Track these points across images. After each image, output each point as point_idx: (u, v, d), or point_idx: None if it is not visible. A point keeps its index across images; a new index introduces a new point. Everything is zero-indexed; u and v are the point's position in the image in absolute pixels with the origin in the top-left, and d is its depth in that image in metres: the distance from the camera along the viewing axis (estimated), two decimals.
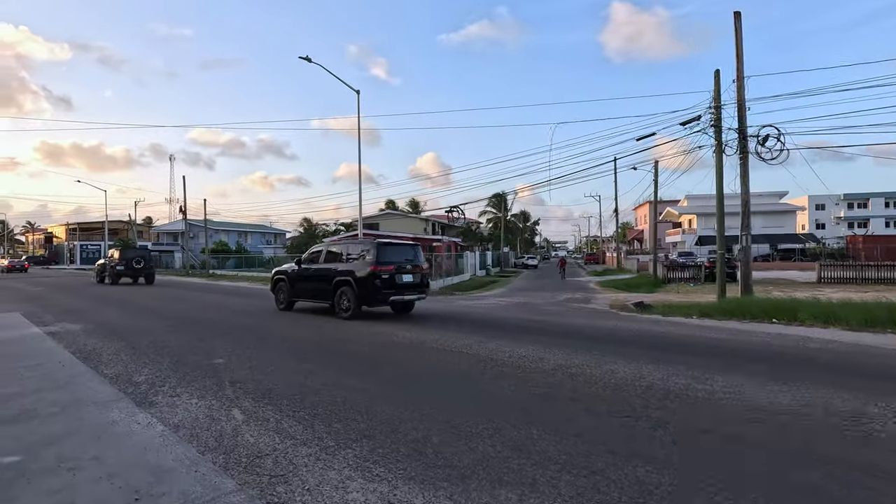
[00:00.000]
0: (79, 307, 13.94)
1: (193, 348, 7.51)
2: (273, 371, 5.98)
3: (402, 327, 9.62)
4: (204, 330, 9.49)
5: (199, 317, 11.70)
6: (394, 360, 6.70)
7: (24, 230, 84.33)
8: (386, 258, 11.26)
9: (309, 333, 9.03)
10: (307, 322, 10.59)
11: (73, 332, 9.40)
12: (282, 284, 13.33)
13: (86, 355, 7.10)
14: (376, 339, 8.24)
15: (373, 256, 11.13)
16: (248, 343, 7.96)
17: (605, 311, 13.47)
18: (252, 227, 67.14)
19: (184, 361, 6.56)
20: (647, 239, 69.43)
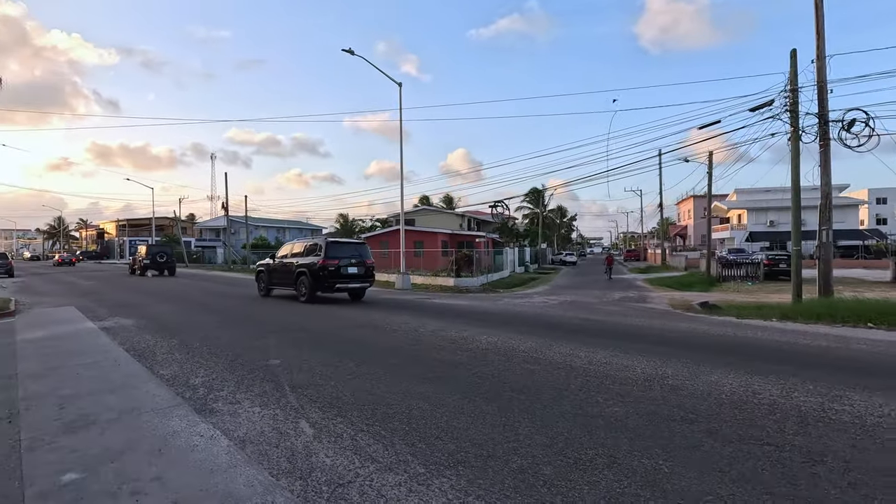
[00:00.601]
0: (131, 302, 14.07)
1: (247, 347, 7.18)
2: (334, 375, 5.53)
3: (454, 328, 9.08)
4: (254, 327, 9.22)
5: (247, 313, 11.51)
6: (462, 366, 6.15)
7: (78, 226, 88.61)
8: (333, 254, 13.69)
9: (367, 335, 8.60)
10: (360, 321, 10.21)
11: (126, 327, 9.30)
12: (262, 275, 15.98)
13: (140, 353, 6.88)
14: (440, 344, 7.72)
15: (322, 253, 13.59)
16: (301, 342, 7.59)
17: (668, 312, 12.55)
18: (289, 223, 68.26)
19: (239, 362, 6.22)
20: (690, 235, 66.67)
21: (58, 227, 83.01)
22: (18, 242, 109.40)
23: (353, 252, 14.41)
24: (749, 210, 48.99)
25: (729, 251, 39.80)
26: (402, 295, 17.08)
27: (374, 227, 57.08)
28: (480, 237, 39.92)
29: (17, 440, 3.73)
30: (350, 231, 59.15)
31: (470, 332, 8.48)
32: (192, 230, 72.15)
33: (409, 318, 10.41)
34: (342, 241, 15.47)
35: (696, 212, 64.06)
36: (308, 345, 7.38)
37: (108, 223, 79.16)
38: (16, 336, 8.56)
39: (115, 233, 73.74)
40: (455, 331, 8.60)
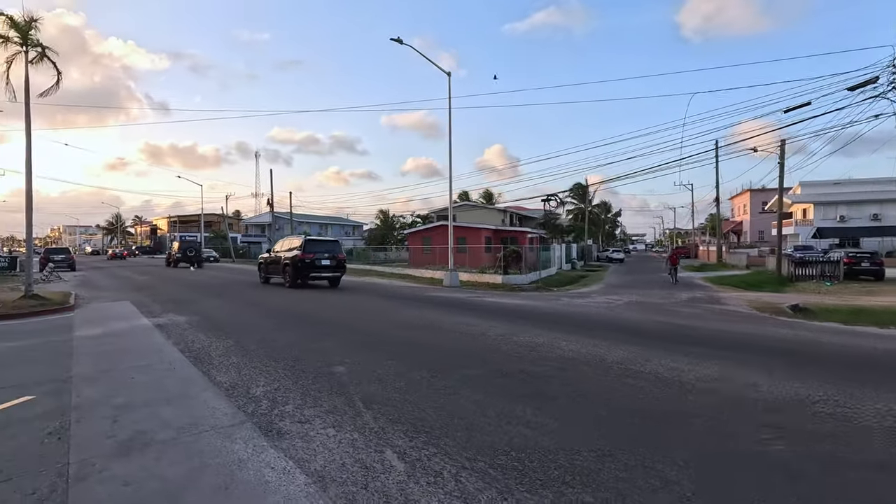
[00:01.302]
0: (183, 297, 14.00)
1: (306, 350, 6.62)
2: (409, 388, 4.84)
3: (525, 332, 8.26)
4: (309, 327, 8.72)
5: (299, 311, 11.09)
6: (554, 380, 5.35)
7: (133, 223, 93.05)
8: (310, 249, 16.72)
9: (430, 338, 7.91)
10: (418, 322, 9.55)
11: (179, 324, 9.00)
12: (262, 266, 20.01)
13: (195, 355, 6.43)
14: (517, 352, 6.93)
15: (301, 248, 16.58)
16: (361, 346, 6.97)
17: (753, 316, 11.27)
18: (331, 219, 69.05)
19: (300, 368, 5.63)
20: (746, 231, 62.88)
21: (115, 223, 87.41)
22: (81, 238, 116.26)
23: (327, 248, 17.57)
24: (816, 204, 45.48)
25: (795, 248, 37.00)
26: (452, 293, 16.38)
27: (414, 223, 56.78)
28: (525, 233, 38.79)
29: (66, 463, 3.20)
30: (391, 227, 59.10)
31: (545, 337, 7.64)
32: (238, 226, 74.20)
33: (471, 319, 9.66)
34: (318, 239, 18.52)
35: (753, 206, 60.38)
36: (369, 349, 6.75)
37: (160, 219, 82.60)
38: (73, 332, 8.37)
39: (166, 228, 76.85)
40: (527, 335, 7.78)
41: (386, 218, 61.82)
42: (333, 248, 17.72)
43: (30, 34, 11.17)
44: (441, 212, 47.52)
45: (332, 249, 17.57)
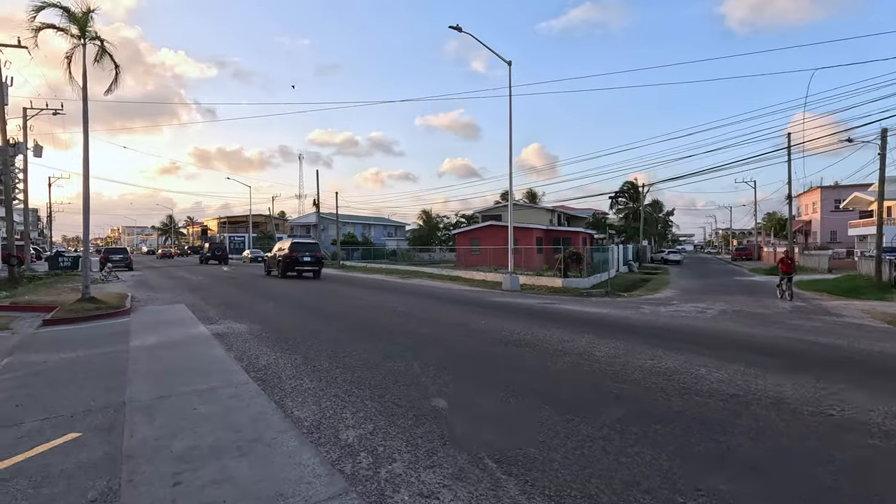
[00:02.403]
0: (237, 300, 13.40)
1: (390, 374, 5.56)
2: (546, 438, 3.67)
3: (637, 353, 6.93)
4: (384, 342, 7.69)
5: (365, 319, 10.14)
6: (739, 432, 4.04)
7: (185, 223, 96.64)
8: (295, 249, 21.94)
9: (532, 360, 6.72)
10: (504, 335, 8.37)
11: (239, 334, 8.18)
12: (265, 261, 26.25)
13: (263, 376, 5.49)
14: (652, 382, 5.64)
15: (288, 248, 22.01)
16: (452, 368, 5.86)
17: (890, 331, 9.44)
18: (375, 219, 68.98)
19: (391, 400, 4.56)
20: (816, 231, 58.14)
21: (169, 224, 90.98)
22: (137, 238, 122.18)
23: (308, 248, 22.89)
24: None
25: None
26: (516, 298, 15.11)
27: (459, 224, 55.75)
28: (578, 233, 36.97)
29: None
30: (434, 227, 58.29)
31: (671, 360, 6.28)
32: (284, 227, 75.46)
33: (562, 332, 8.39)
34: (301, 242, 23.70)
35: (824, 205, 55.73)
36: (465, 374, 5.61)
37: (210, 220, 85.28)
38: (129, 341, 7.69)
39: (216, 229, 79.17)
40: (645, 356, 6.45)
41: (429, 218, 61.02)
42: (314, 248, 23.10)
43: (87, 27, 10.76)
44: (486, 211, 46.20)
45: (312, 249, 22.90)
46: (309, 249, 22.57)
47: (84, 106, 10.75)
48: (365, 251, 50.76)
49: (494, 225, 35.50)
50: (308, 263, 21.99)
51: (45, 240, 55.88)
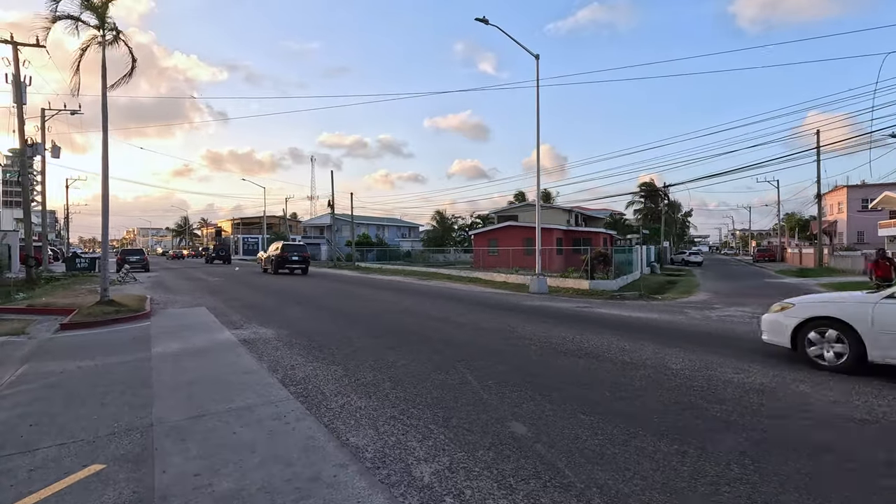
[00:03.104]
0: (259, 303, 12.86)
1: (448, 389, 4.91)
2: (660, 471, 2.99)
3: (719, 368, 6.20)
4: (425, 348, 7.05)
5: (397, 323, 9.52)
6: None
7: (199, 225, 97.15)
8: (286, 250, 26.07)
9: (599, 372, 6.03)
10: (554, 343, 7.69)
11: (268, 340, 7.60)
12: (260, 261, 29.46)
13: (304, 391, 4.87)
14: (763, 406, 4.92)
15: (280, 249, 25.86)
16: (520, 383, 5.19)
17: None
18: (389, 220, 68.54)
19: (461, 423, 3.91)
20: (842, 232, 56.44)
21: (184, 226, 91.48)
22: (152, 240, 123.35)
23: (297, 249, 27.22)
24: None
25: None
26: (547, 301, 14.39)
27: (474, 224, 55.05)
28: (599, 234, 36.09)
29: None
30: (448, 228, 57.67)
31: (758, 376, 5.55)
32: (297, 228, 75.32)
33: (616, 340, 7.68)
34: (291, 244, 28.06)
35: (851, 204, 54.07)
36: (532, 390, 4.93)
37: (224, 222, 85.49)
38: (151, 348, 7.14)
39: (230, 230, 79.34)
40: (726, 370, 5.72)
41: (442, 219, 60.41)
42: (301, 249, 27.34)
43: (106, 17, 10.30)
44: (502, 212, 45.45)
45: (300, 250, 27.19)
46: (297, 250, 26.82)
47: (103, 99, 10.29)
48: (380, 252, 50.30)
49: (513, 225, 34.74)
50: (296, 262, 25.96)
51: (63, 241, 56.24)
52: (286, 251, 26.00)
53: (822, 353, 5.77)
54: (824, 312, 5.84)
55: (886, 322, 5.28)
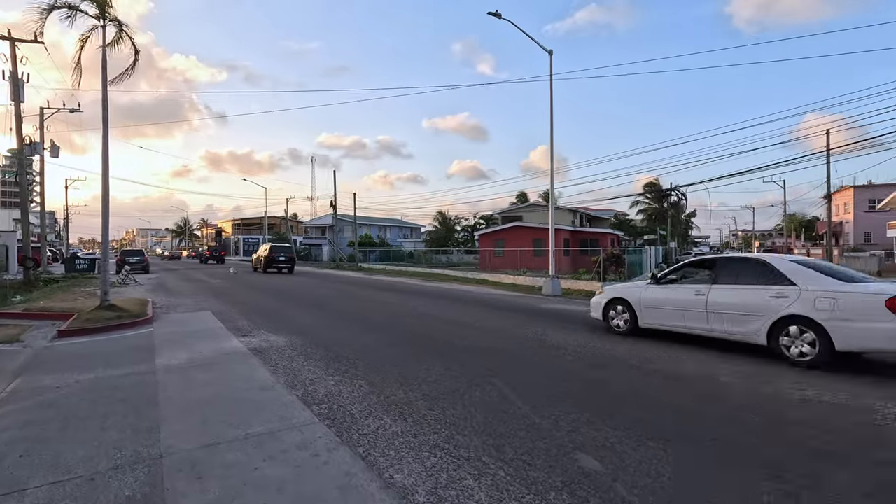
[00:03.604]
0: (266, 307, 12.33)
1: (491, 409, 4.38)
2: None
3: (797, 386, 5.67)
4: (453, 359, 6.53)
5: (415, 329, 8.99)
6: None
7: (199, 226, 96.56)
8: (273, 251, 29.02)
9: (677, 395, 5.50)
10: (598, 355, 7.17)
11: (280, 349, 7.07)
12: (252, 262, 32.63)
13: (329, 412, 4.34)
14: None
15: (269, 250, 28.98)
16: (569, 399, 4.67)
17: None
18: (391, 221, 67.99)
19: (521, 458, 3.38)
20: (849, 233, 55.98)
21: (184, 226, 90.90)
22: (152, 240, 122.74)
23: (284, 249, 30.25)
24: None
25: None
26: (564, 304, 13.87)
27: (478, 225, 54.56)
28: (607, 234, 35.59)
29: None
30: (451, 229, 57.18)
31: (831, 395, 5.03)
32: (298, 229, 74.78)
33: (652, 350, 7.15)
34: (279, 245, 31.48)
35: (858, 205, 53.62)
36: (587, 410, 4.41)
37: (225, 222, 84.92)
38: (155, 358, 6.61)
39: (230, 231, 78.75)
40: (793, 382, 5.20)
41: (445, 220, 59.95)
42: (287, 251, 30.56)
43: (107, 7, 9.77)
44: (506, 212, 44.92)
45: (286, 251, 30.34)
46: (283, 251, 30.01)
47: (104, 93, 9.77)
48: (382, 253, 49.76)
49: (520, 226, 34.26)
50: (282, 262, 28.99)
51: (62, 242, 55.68)
52: (274, 252, 29.05)
53: (618, 323, 8.42)
54: (618, 295, 8.50)
55: (647, 300, 7.93)
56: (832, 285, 6.05)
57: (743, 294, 6.71)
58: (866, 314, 5.65)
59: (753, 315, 6.49)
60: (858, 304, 5.74)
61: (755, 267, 6.94)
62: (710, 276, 7.37)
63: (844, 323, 5.73)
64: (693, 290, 7.31)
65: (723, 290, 6.93)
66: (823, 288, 6.03)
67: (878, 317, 5.53)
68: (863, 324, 5.64)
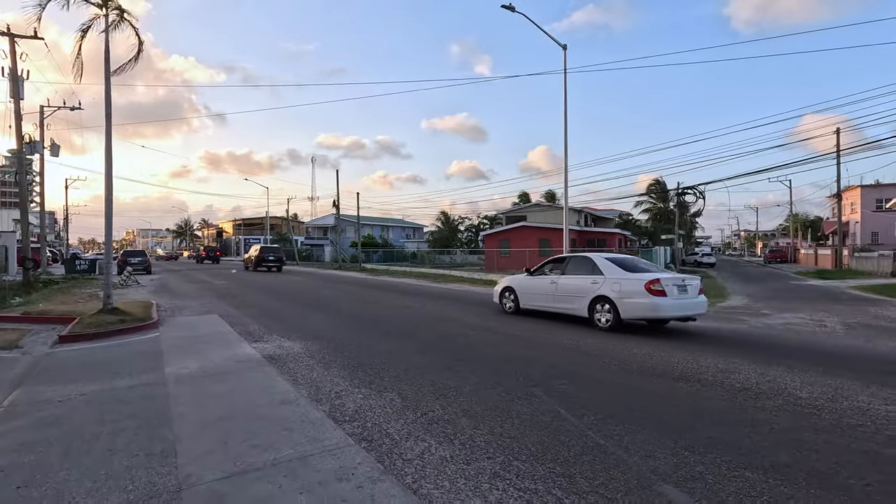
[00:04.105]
0: (274, 309, 11.87)
1: (544, 428, 3.92)
2: None
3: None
4: (488, 369, 6.08)
5: (438, 334, 8.55)
6: None
7: (200, 226, 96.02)
8: (263, 252, 31.56)
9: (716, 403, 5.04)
10: (667, 367, 6.71)
11: (297, 357, 6.61)
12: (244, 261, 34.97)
13: (362, 431, 3.88)
14: None
15: (259, 251, 31.62)
16: (626, 415, 4.21)
17: None
18: (394, 221, 67.49)
19: (595, 489, 2.92)
20: (856, 232, 55.48)
21: (185, 227, 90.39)
22: (152, 241, 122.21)
23: (272, 250, 32.93)
24: None
25: None
26: None
27: (482, 226, 54.09)
28: (614, 234, 35.13)
29: None
30: (454, 229, 56.71)
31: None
32: (299, 229, 74.29)
33: (699, 356, 6.69)
34: (268, 247, 34.01)
35: (865, 204, 53.13)
36: (650, 429, 3.95)
37: (226, 223, 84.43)
38: (164, 367, 6.15)
39: (231, 231, 78.25)
40: (861, 397, 4.74)
41: (447, 220, 59.46)
42: (276, 251, 32.96)
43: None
44: (510, 212, 44.41)
45: (275, 252, 32.67)
46: (272, 252, 32.49)
47: (106, 85, 9.30)
48: (386, 254, 49.32)
49: (526, 226, 33.83)
50: (271, 261, 31.40)
51: (62, 242, 55.20)
52: (263, 252, 31.70)
53: (509, 305, 10.88)
54: (508, 284, 11.07)
55: (525, 287, 10.46)
56: (621, 274, 8.67)
57: (576, 281, 9.35)
58: (635, 293, 8.26)
59: (580, 296, 9.12)
60: (632, 287, 8.34)
61: (585, 262, 9.49)
62: (560, 269, 9.91)
63: (625, 299, 8.38)
64: (549, 280, 9.96)
65: (566, 279, 9.59)
66: (615, 276, 8.68)
67: (641, 295, 8.19)
68: (633, 300, 8.30)
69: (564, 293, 9.42)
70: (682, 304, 8.31)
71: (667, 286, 8.13)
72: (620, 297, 8.33)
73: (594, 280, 8.81)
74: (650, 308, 8.10)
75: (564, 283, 9.48)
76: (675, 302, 8.21)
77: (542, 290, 9.97)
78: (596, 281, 8.78)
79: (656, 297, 8.05)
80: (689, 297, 8.50)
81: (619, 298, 8.33)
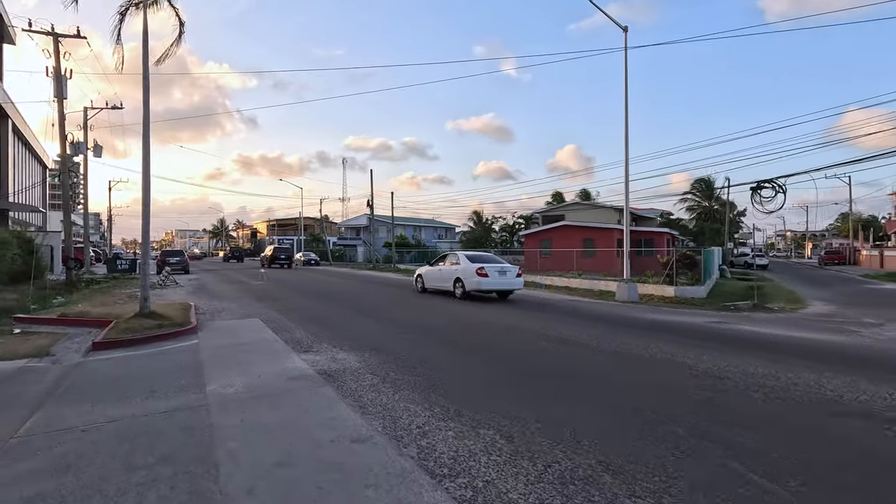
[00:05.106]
0: (318, 312, 11.03)
1: (725, 488, 2.77)
2: None
3: None
4: (598, 393, 4.98)
5: (508, 344, 7.49)
6: None
7: (235, 227, 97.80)
8: (276, 252, 36.73)
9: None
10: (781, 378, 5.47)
11: (358, 374, 5.63)
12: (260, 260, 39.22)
13: (476, 492, 2.82)
14: None
15: (272, 251, 36.89)
16: (796, 463, 3.02)
17: None
18: (425, 221, 66.71)
19: None
20: None
21: (220, 227, 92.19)
22: (189, 241, 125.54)
23: (284, 249, 37.60)
24: None
25: None
26: (650, 312, 12.05)
27: (517, 225, 52.70)
28: (662, 234, 33.26)
29: None
30: (488, 229, 55.43)
31: None
32: (332, 229, 74.43)
33: (831, 377, 5.38)
34: (280, 247, 38.18)
35: None
36: (804, 477, 2.75)
37: (260, 223, 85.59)
38: (205, 384, 5.27)
39: (265, 232, 79.16)
40: None
41: (480, 220, 58.14)
42: (288, 250, 37.51)
43: None
44: (546, 212, 42.83)
45: (287, 250, 37.35)
46: (284, 251, 36.97)
47: (144, 71, 8.62)
48: (419, 254, 48.51)
49: (569, 225, 32.39)
50: (282, 259, 35.87)
51: (106, 242, 56.78)
52: (276, 252, 36.44)
53: (419, 287, 16.26)
54: (419, 272, 16.56)
55: (426, 274, 16.02)
56: (467, 264, 13.81)
57: (449, 268, 14.63)
58: (472, 275, 13.38)
59: (450, 278, 14.27)
60: (469, 271, 13.51)
61: (454, 256, 14.96)
62: (443, 262, 15.35)
63: (468, 279, 13.49)
64: (438, 268, 15.32)
65: (444, 267, 14.99)
66: (464, 266, 13.88)
67: (474, 276, 13.34)
68: (471, 279, 13.40)
69: (444, 276, 14.68)
70: (500, 281, 13.60)
71: (490, 271, 13.38)
72: (465, 277, 13.57)
73: (456, 269, 14.06)
74: (476, 284, 13.31)
75: (444, 269, 14.89)
76: (495, 280, 13.46)
77: (435, 276, 15.35)
78: (457, 269, 14.05)
79: (481, 277, 13.25)
80: (508, 278, 13.80)
81: (464, 278, 13.56)
